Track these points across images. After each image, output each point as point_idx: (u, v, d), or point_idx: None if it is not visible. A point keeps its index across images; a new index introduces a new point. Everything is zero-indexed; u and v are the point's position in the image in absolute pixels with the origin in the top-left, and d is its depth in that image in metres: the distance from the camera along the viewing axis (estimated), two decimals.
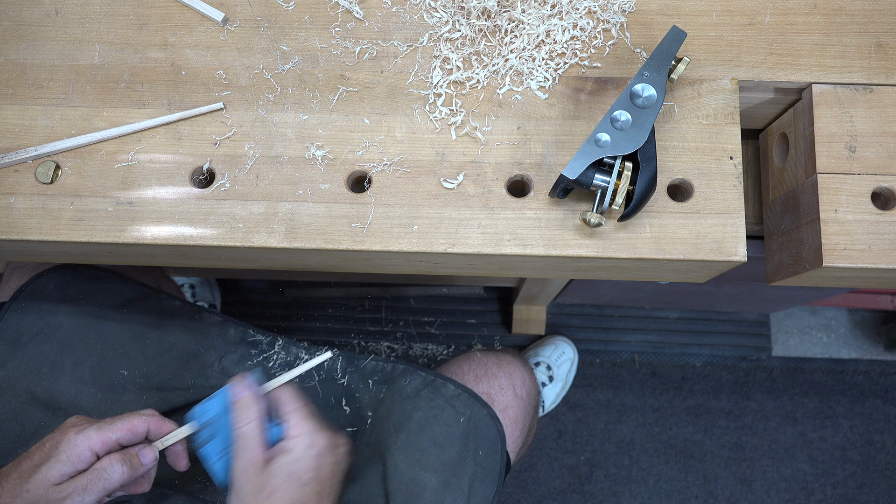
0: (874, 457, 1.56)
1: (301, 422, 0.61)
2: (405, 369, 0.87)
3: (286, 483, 0.59)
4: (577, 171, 0.59)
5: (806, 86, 0.67)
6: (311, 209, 0.64)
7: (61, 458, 0.58)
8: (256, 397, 0.62)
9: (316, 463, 0.60)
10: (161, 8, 0.69)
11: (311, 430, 0.61)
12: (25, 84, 0.67)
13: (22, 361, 0.80)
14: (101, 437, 0.59)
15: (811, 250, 0.64)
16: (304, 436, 0.60)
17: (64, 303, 0.84)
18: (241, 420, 0.61)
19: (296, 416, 0.62)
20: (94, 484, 0.57)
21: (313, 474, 0.60)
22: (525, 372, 0.94)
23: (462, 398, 0.84)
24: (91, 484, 0.57)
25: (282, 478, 0.59)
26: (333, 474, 0.62)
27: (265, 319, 1.61)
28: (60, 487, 0.57)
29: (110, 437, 0.59)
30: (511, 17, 0.68)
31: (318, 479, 0.60)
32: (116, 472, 0.58)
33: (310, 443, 0.60)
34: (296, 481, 0.59)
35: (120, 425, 0.60)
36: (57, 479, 0.57)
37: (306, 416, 0.62)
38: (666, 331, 1.64)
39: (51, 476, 0.57)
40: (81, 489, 0.57)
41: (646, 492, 1.54)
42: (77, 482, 0.57)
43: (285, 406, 0.62)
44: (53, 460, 0.58)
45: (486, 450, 0.83)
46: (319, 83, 0.67)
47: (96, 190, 0.65)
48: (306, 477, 0.59)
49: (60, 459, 0.58)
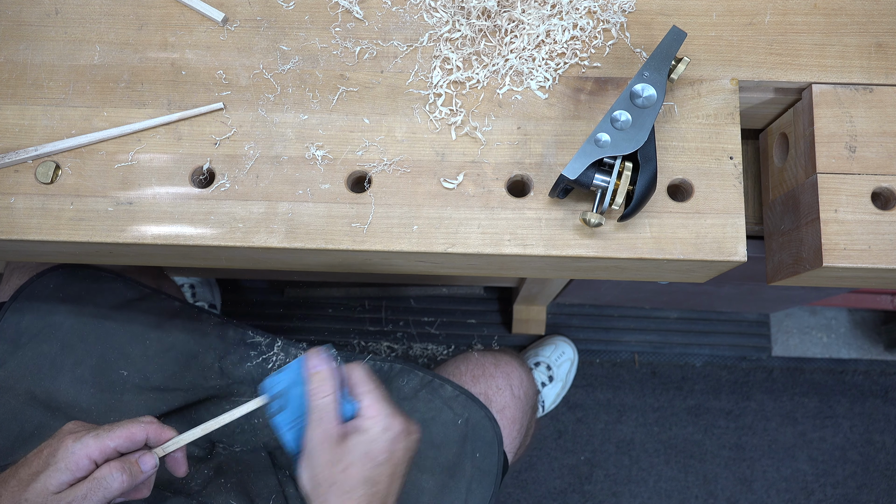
0: (874, 457, 1.56)
1: (376, 403, 0.62)
2: (402, 369, 0.87)
3: (361, 460, 0.59)
4: (577, 171, 0.59)
5: (806, 86, 0.67)
6: (311, 209, 0.64)
7: (59, 467, 0.57)
8: (333, 371, 0.62)
9: (390, 445, 0.61)
10: (161, 8, 0.69)
11: (388, 413, 0.61)
12: (25, 84, 0.67)
13: (21, 361, 0.80)
14: (99, 444, 0.59)
15: (811, 250, 0.64)
16: (381, 417, 0.61)
17: (63, 303, 0.84)
18: (317, 392, 0.61)
19: (371, 397, 0.62)
20: (93, 493, 0.57)
21: (387, 456, 0.60)
22: (523, 372, 0.94)
23: (460, 399, 0.84)
24: (91, 493, 0.57)
25: (357, 455, 0.59)
26: (405, 459, 0.63)
27: (265, 319, 1.61)
28: (60, 496, 0.57)
29: (108, 445, 0.59)
30: (511, 17, 0.68)
31: (391, 461, 0.61)
32: (116, 480, 0.58)
33: (386, 425, 0.61)
34: (371, 460, 0.60)
35: (118, 433, 0.60)
36: (56, 488, 0.57)
37: (381, 397, 0.62)
38: (666, 331, 1.64)
39: (50, 485, 0.57)
40: (81, 498, 0.57)
41: (646, 492, 1.54)
42: (76, 491, 0.57)
43: (359, 385, 0.63)
44: (52, 469, 0.57)
45: (484, 452, 0.82)
46: (319, 83, 0.67)
47: (96, 190, 0.65)
48: (381, 458, 0.60)
49: (59, 468, 0.57)
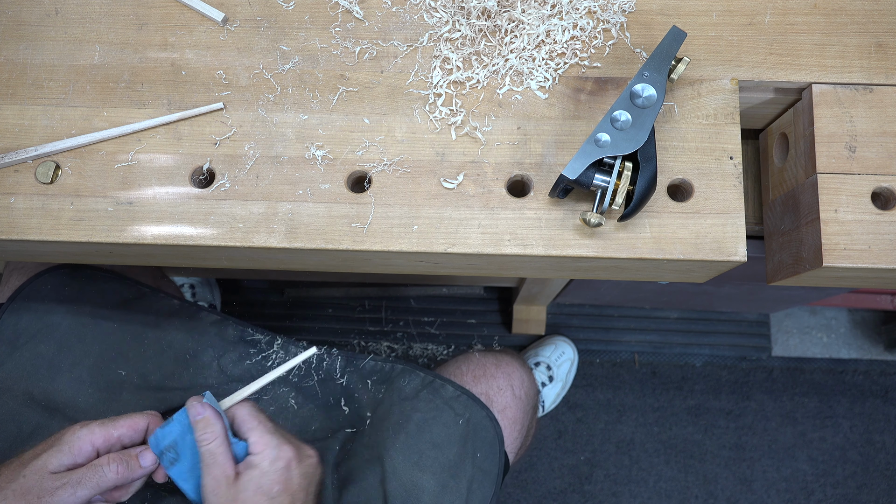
0: (874, 457, 1.56)
1: (263, 436, 0.62)
2: (404, 369, 0.87)
3: (255, 496, 0.59)
4: (577, 171, 0.59)
5: (806, 86, 0.67)
6: (311, 209, 0.64)
7: (62, 449, 0.59)
8: (216, 415, 0.62)
9: (284, 475, 0.61)
10: (161, 8, 0.69)
11: (276, 444, 0.62)
12: (25, 84, 0.67)
13: (19, 362, 0.80)
14: (104, 432, 0.60)
15: (811, 250, 0.64)
16: (269, 450, 0.61)
17: (61, 303, 0.84)
18: (205, 438, 0.61)
19: (257, 432, 0.62)
20: (88, 479, 0.58)
21: (282, 486, 0.61)
22: (523, 372, 0.94)
23: (461, 400, 0.84)
24: (86, 479, 0.58)
25: (251, 492, 0.59)
26: (304, 486, 0.63)
27: (265, 319, 1.61)
28: (56, 476, 0.58)
29: (112, 433, 0.60)
30: (511, 17, 0.68)
31: (288, 490, 0.61)
32: (112, 470, 0.59)
33: (275, 456, 0.61)
34: (265, 494, 0.60)
35: (122, 422, 0.61)
36: (54, 468, 0.58)
37: (268, 430, 0.62)
38: (666, 331, 1.64)
39: (49, 464, 0.58)
40: (76, 482, 0.57)
41: (646, 492, 1.54)
42: (73, 475, 0.58)
43: (245, 423, 0.63)
44: (54, 450, 0.59)
45: (485, 452, 0.82)
46: (319, 83, 0.67)
47: (96, 190, 0.65)
48: (274, 489, 0.60)
49: (62, 449, 0.59)
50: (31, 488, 0.57)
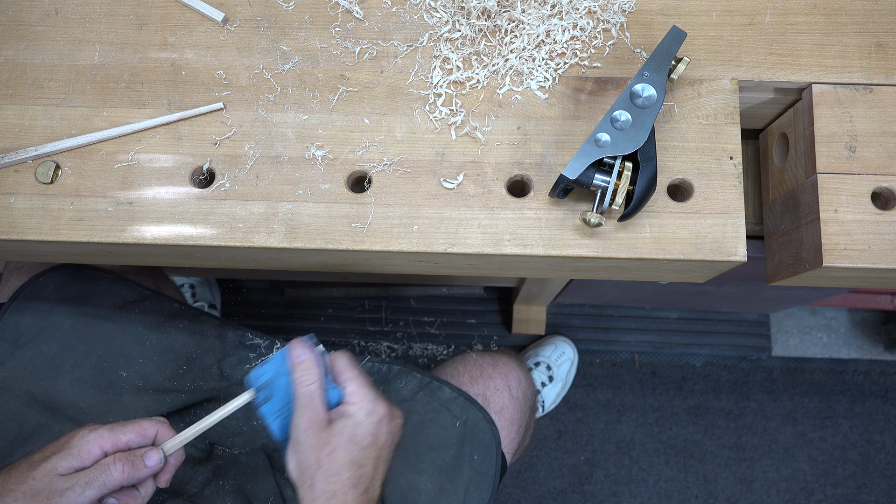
0: (874, 457, 1.56)
1: (360, 388, 0.63)
2: (400, 370, 0.87)
3: (347, 444, 0.61)
4: (577, 171, 0.59)
5: (806, 86, 0.67)
6: (311, 209, 0.64)
7: (72, 452, 0.60)
8: (317, 359, 0.64)
9: (375, 429, 0.62)
10: (161, 8, 0.69)
11: (372, 398, 0.63)
12: (25, 84, 0.67)
13: (21, 362, 0.80)
14: (113, 436, 0.61)
15: (811, 250, 0.64)
16: (365, 402, 0.62)
17: (63, 303, 0.84)
18: (303, 380, 0.62)
19: (355, 383, 0.63)
20: (95, 479, 0.59)
21: (372, 439, 0.62)
22: (521, 372, 0.94)
23: (458, 402, 0.84)
24: (93, 479, 0.59)
25: (343, 438, 0.61)
26: (389, 443, 0.64)
27: (265, 320, 1.61)
28: (65, 478, 0.59)
29: (120, 438, 0.61)
30: (511, 17, 0.68)
31: (376, 444, 0.62)
32: (118, 469, 0.60)
33: (370, 409, 0.62)
34: (357, 443, 0.61)
35: (131, 428, 0.62)
36: (64, 471, 0.59)
37: (365, 383, 0.64)
38: (666, 331, 1.64)
39: (59, 467, 0.59)
40: (84, 483, 0.59)
41: (646, 492, 1.54)
42: (80, 476, 0.59)
43: (344, 372, 0.64)
44: (64, 453, 0.60)
45: (482, 454, 0.82)
46: (319, 83, 0.67)
47: (96, 190, 0.65)
48: (366, 441, 0.62)
49: (71, 453, 0.60)
50: (40, 490, 0.58)
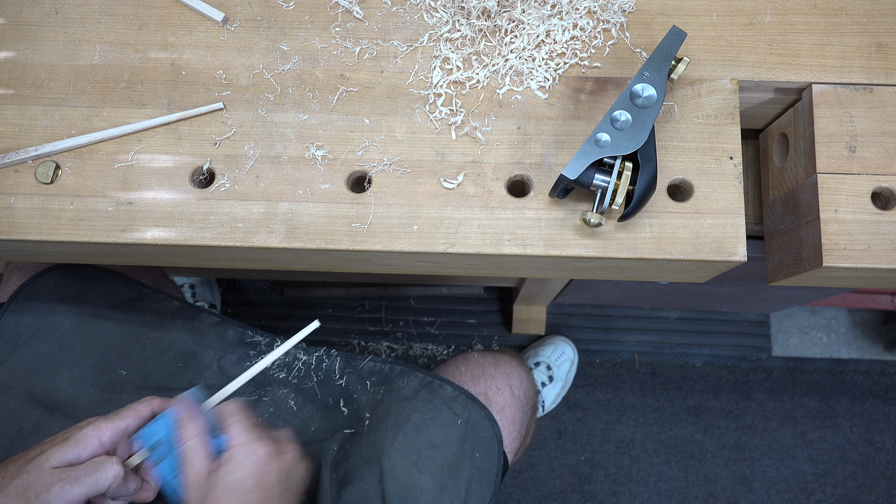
0: (874, 457, 1.56)
1: (241, 432, 0.62)
2: (403, 370, 0.87)
3: (227, 492, 0.59)
4: (577, 171, 0.59)
5: (806, 86, 0.67)
6: (311, 209, 0.64)
7: (68, 443, 0.59)
8: (195, 414, 0.63)
9: (256, 471, 0.60)
10: (161, 8, 0.69)
11: (251, 439, 0.61)
12: (25, 84, 0.67)
13: (20, 361, 0.81)
14: (111, 425, 0.61)
15: (811, 250, 0.64)
16: (244, 445, 0.61)
17: (62, 302, 0.84)
18: (183, 437, 0.61)
19: (236, 428, 0.62)
20: (86, 476, 0.58)
21: (255, 482, 0.60)
22: (522, 372, 0.94)
23: (459, 400, 0.84)
24: (84, 475, 0.58)
25: (223, 487, 0.59)
26: (280, 481, 0.62)
27: (265, 319, 1.61)
28: (55, 471, 0.57)
29: (119, 426, 0.61)
30: (511, 17, 0.68)
31: (262, 486, 0.60)
32: (112, 470, 0.59)
33: (248, 451, 0.61)
34: (236, 490, 0.59)
35: (126, 413, 0.62)
36: (56, 463, 0.58)
37: (247, 426, 0.62)
38: (666, 331, 1.64)
39: (52, 459, 0.58)
40: (73, 478, 0.57)
41: (646, 492, 1.54)
42: (71, 471, 0.58)
43: (227, 419, 0.63)
44: (60, 444, 0.59)
45: (483, 452, 0.82)
46: (319, 83, 0.67)
47: (96, 190, 0.65)
48: (247, 485, 0.60)
49: (67, 444, 0.59)
50: (31, 484, 0.57)
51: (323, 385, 0.87)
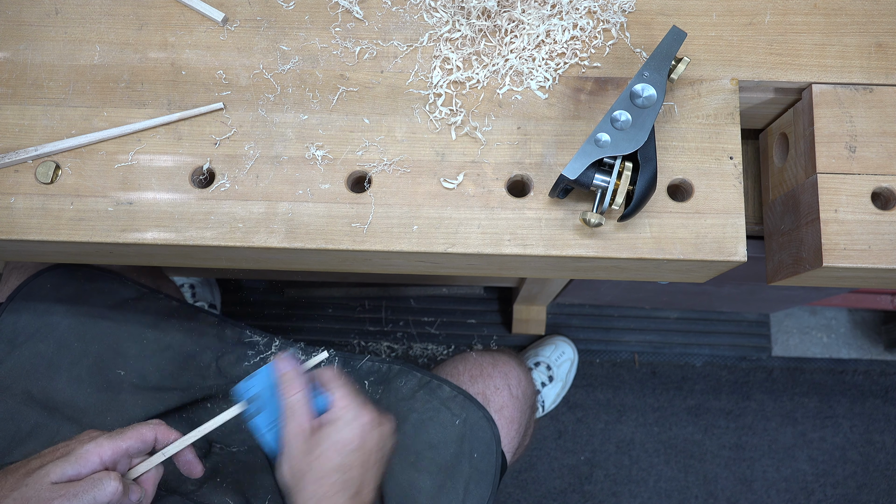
0: (874, 457, 1.56)
1: (346, 395, 0.64)
2: (401, 370, 0.87)
3: (333, 448, 0.62)
4: (577, 171, 0.59)
5: (806, 86, 0.67)
6: (311, 209, 0.64)
7: (68, 460, 0.59)
8: (299, 371, 0.65)
9: (361, 433, 0.63)
10: (161, 8, 0.69)
11: (357, 404, 0.64)
12: (25, 84, 0.67)
13: (18, 361, 0.80)
14: (112, 445, 0.60)
15: (811, 250, 0.64)
16: (350, 408, 0.63)
17: (60, 302, 0.84)
18: (288, 391, 0.64)
19: (342, 390, 0.65)
20: (85, 492, 0.57)
21: (358, 443, 0.63)
22: (521, 371, 0.94)
23: (457, 400, 0.84)
24: (82, 491, 0.57)
25: (329, 443, 0.62)
26: (378, 447, 0.65)
27: (265, 320, 1.61)
28: (54, 487, 0.57)
29: (120, 445, 0.61)
30: (511, 17, 0.68)
31: (363, 448, 0.63)
32: (110, 486, 0.58)
33: (355, 414, 0.63)
34: (342, 447, 0.62)
35: (130, 434, 0.62)
36: (56, 479, 0.57)
37: (351, 391, 0.65)
38: (666, 331, 1.64)
39: (52, 475, 0.58)
40: (72, 494, 0.57)
41: (646, 492, 1.54)
42: (70, 487, 0.57)
43: (331, 381, 0.66)
44: (60, 460, 0.59)
45: (482, 452, 0.82)
46: (319, 83, 0.67)
47: (96, 190, 0.65)
48: (352, 445, 0.62)
49: (67, 460, 0.59)
50: (30, 498, 0.56)
51: None
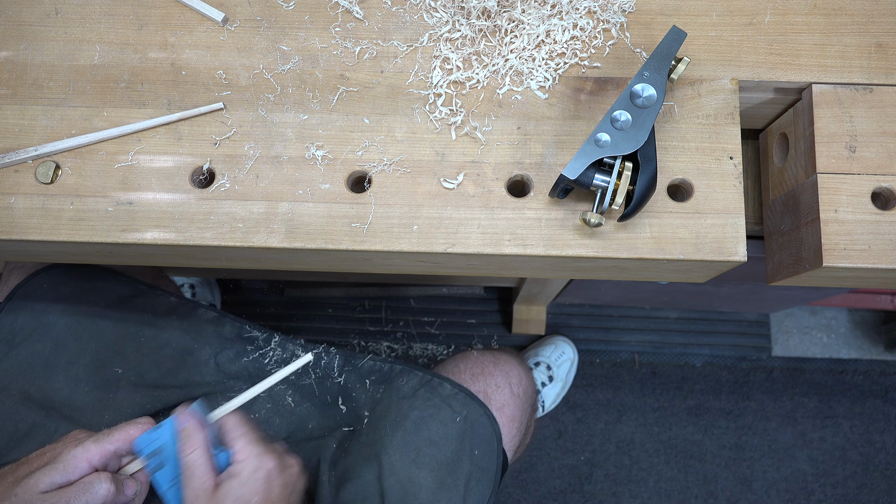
0: (874, 457, 1.56)
1: (247, 446, 0.62)
2: (402, 369, 0.87)
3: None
4: (577, 171, 0.59)
5: (806, 86, 0.67)
6: (311, 209, 0.64)
7: (56, 467, 0.58)
8: (200, 425, 0.62)
9: (264, 485, 0.60)
10: (161, 8, 0.69)
11: (258, 454, 0.61)
12: (25, 84, 0.67)
13: (16, 361, 0.80)
14: (100, 448, 0.59)
15: (811, 250, 0.64)
16: (251, 459, 0.61)
17: (57, 302, 0.84)
18: (186, 448, 0.61)
19: (241, 441, 0.62)
20: (77, 497, 0.57)
21: (262, 496, 0.60)
22: (522, 370, 0.94)
23: (459, 397, 0.84)
24: (75, 498, 0.57)
25: (231, 500, 0.59)
26: (285, 495, 0.62)
27: (265, 320, 1.61)
28: (45, 496, 0.56)
29: (108, 449, 0.60)
30: (511, 17, 0.68)
31: (268, 500, 0.61)
32: (102, 488, 0.58)
33: (256, 466, 0.61)
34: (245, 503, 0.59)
35: (117, 436, 0.61)
36: (45, 487, 0.57)
37: (252, 440, 0.62)
38: (666, 331, 1.64)
39: (41, 483, 0.57)
40: (64, 501, 0.56)
41: (646, 492, 1.54)
42: (62, 493, 0.57)
43: (231, 432, 0.63)
44: (48, 468, 0.58)
45: (483, 449, 0.82)
46: (319, 83, 0.67)
47: (96, 190, 0.65)
48: (255, 500, 0.60)
49: (56, 468, 0.58)
50: None
51: (321, 382, 0.87)
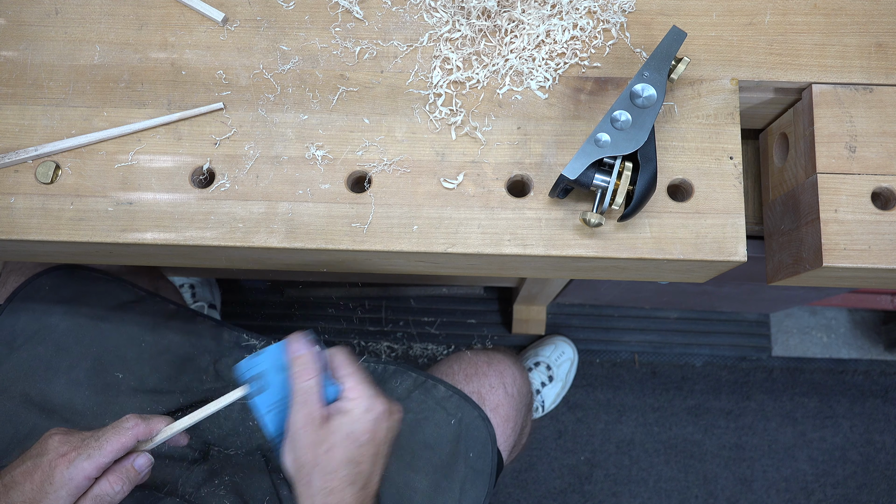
0: (874, 457, 1.56)
1: (358, 385, 0.62)
2: (396, 370, 0.87)
3: (344, 441, 0.60)
4: (577, 171, 0.59)
5: (806, 86, 0.67)
6: (311, 209, 0.64)
7: (61, 494, 0.58)
8: (315, 355, 0.63)
9: (373, 426, 0.61)
10: (161, 8, 0.69)
11: (370, 395, 0.62)
12: (25, 84, 0.67)
13: (16, 363, 0.80)
14: (94, 464, 0.59)
15: (811, 250, 0.64)
16: (363, 399, 0.62)
17: (59, 304, 0.84)
18: (300, 376, 0.61)
19: (353, 379, 0.63)
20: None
21: (369, 436, 0.61)
22: (516, 370, 0.94)
23: (453, 400, 0.84)
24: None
25: (340, 435, 0.60)
26: (388, 439, 0.64)
27: (265, 320, 1.61)
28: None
29: (103, 462, 0.60)
30: (511, 17, 0.68)
31: (374, 441, 0.62)
32: (117, 492, 0.59)
33: (368, 406, 0.61)
34: (354, 441, 0.60)
35: (108, 449, 0.60)
36: None
37: (363, 380, 0.63)
38: (666, 331, 1.64)
39: None
40: None
41: (646, 492, 1.54)
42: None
43: (342, 368, 0.63)
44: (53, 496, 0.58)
45: (477, 451, 0.82)
46: (319, 83, 0.67)
47: (96, 190, 0.65)
48: (363, 438, 0.61)
49: (60, 495, 0.58)
50: None
51: None
